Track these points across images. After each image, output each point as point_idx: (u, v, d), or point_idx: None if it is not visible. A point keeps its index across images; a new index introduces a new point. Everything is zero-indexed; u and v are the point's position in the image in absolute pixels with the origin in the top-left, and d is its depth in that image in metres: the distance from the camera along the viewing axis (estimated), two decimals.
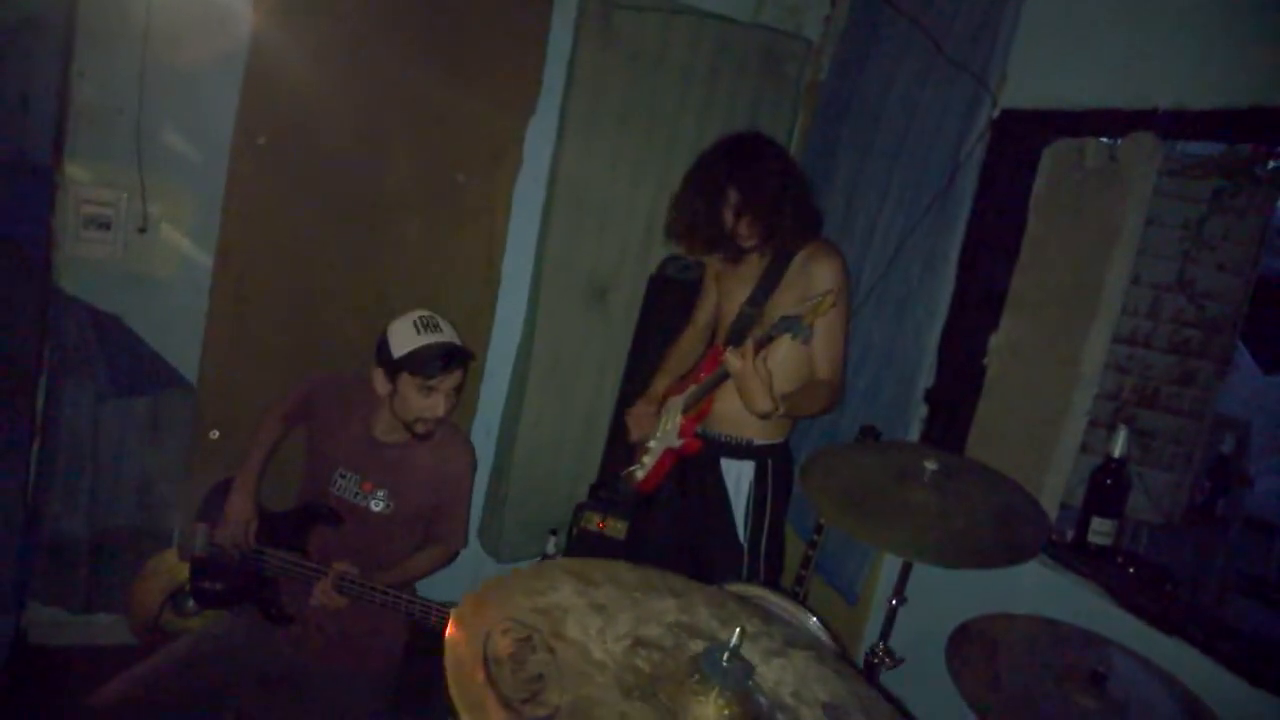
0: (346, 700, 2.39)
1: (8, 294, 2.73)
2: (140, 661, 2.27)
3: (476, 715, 0.90)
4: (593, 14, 3.16)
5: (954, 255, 2.72)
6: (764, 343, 2.28)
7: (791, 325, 2.22)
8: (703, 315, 2.89)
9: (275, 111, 2.92)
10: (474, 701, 0.92)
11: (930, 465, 2.03)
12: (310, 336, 3.08)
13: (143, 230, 2.91)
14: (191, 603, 2.71)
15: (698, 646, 1.11)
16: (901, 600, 2.21)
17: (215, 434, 3.01)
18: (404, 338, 2.41)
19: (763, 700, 1.08)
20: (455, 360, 2.42)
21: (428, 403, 2.41)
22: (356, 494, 2.49)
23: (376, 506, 2.48)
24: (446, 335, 2.43)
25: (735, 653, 1.05)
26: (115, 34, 2.77)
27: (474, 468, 2.66)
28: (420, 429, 2.45)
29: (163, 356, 3.00)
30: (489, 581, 1.14)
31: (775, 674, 1.15)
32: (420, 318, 2.44)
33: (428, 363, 2.38)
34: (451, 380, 2.43)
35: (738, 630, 1.06)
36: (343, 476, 2.51)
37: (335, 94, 2.96)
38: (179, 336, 3.01)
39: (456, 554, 2.64)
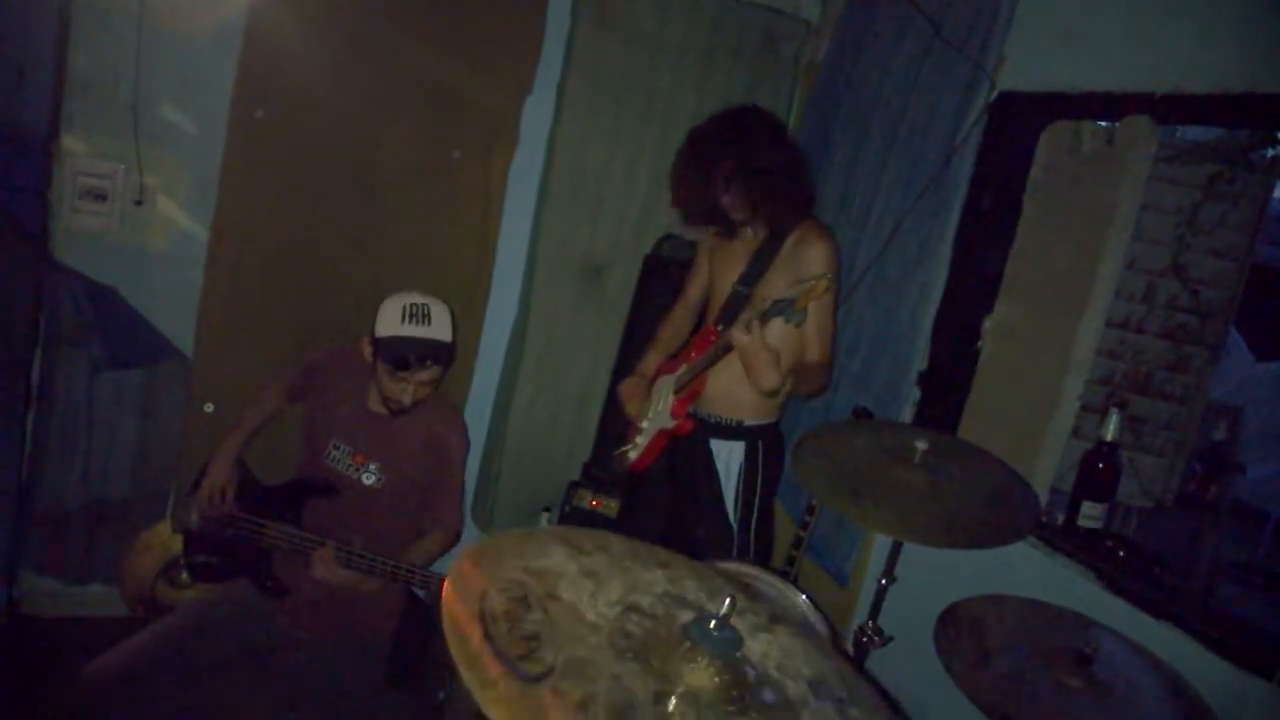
0: (341, 673, 2.40)
1: (3, 266, 2.72)
2: (134, 633, 2.28)
3: (474, 670, 0.91)
4: None
5: (949, 238, 2.72)
6: (764, 321, 2.28)
7: (784, 309, 2.22)
8: (694, 292, 2.89)
9: (273, 85, 2.91)
10: (471, 656, 0.93)
11: (921, 445, 2.03)
12: (305, 311, 3.08)
13: (139, 203, 2.90)
14: (185, 575, 2.72)
15: (687, 616, 1.12)
16: (891, 580, 2.23)
17: (210, 407, 3.01)
18: (390, 320, 2.40)
19: (750, 670, 1.09)
20: (429, 360, 2.41)
21: (396, 388, 2.42)
22: (349, 466, 2.50)
23: (368, 480, 2.49)
24: (432, 329, 2.40)
25: (724, 622, 1.06)
26: (111, 5, 2.75)
27: (466, 443, 2.66)
28: (393, 406, 2.47)
29: (158, 329, 3.00)
30: (480, 543, 1.15)
31: (761, 647, 1.16)
32: (411, 305, 2.41)
33: (400, 356, 2.38)
34: (424, 375, 2.42)
35: (728, 600, 1.07)
36: (336, 448, 2.52)
37: (333, 69, 2.95)
38: (174, 309, 3.01)
39: (459, 535, 2.64)
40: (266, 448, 2.70)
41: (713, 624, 1.06)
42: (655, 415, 2.72)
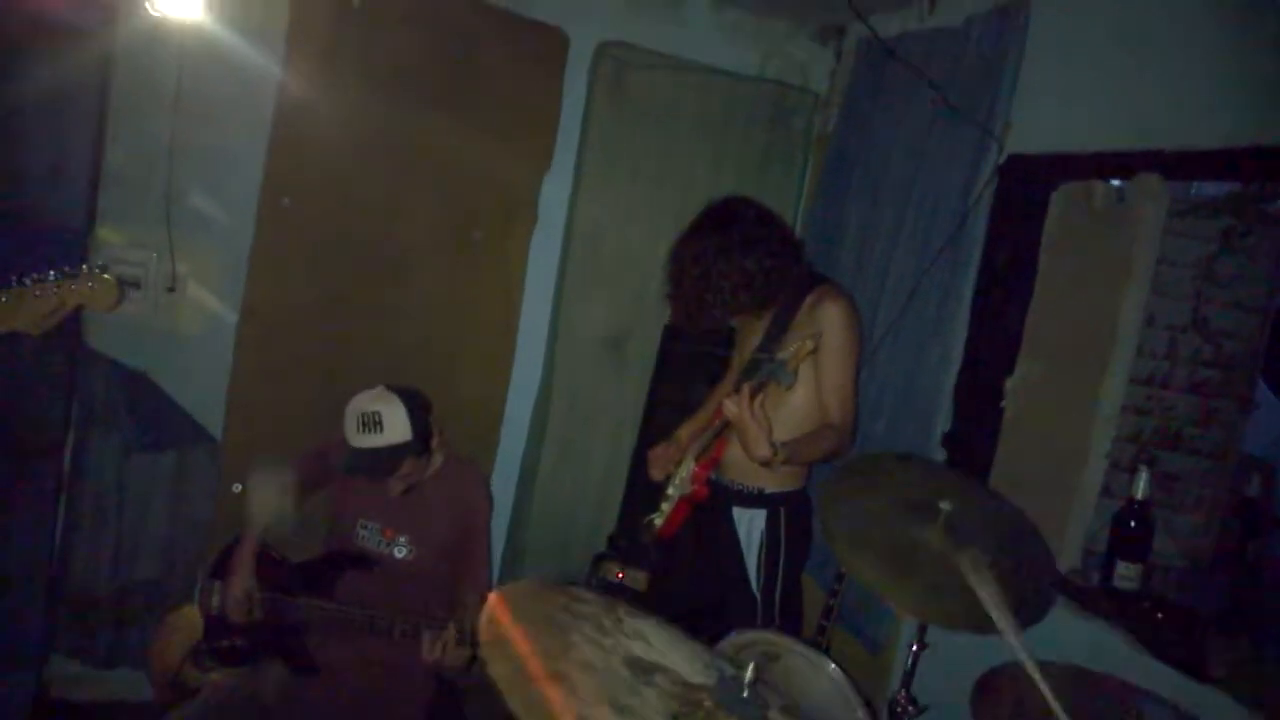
0: None
1: (37, 354, 2.79)
2: (161, 718, 2.27)
3: None
4: (606, 73, 3.26)
5: (967, 299, 2.73)
6: (757, 389, 2.28)
7: (775, 371, 2.22)
8: (736, 362, 2.90)
9: (300, 173, 3.01)
10: None
11: (945, 506, 2.01)
12: (333, 392, 3.08)
13: (171, 289, 2.98)
14: (208, 659, 2.71)
15: (666, 683, 1.10)
16: (923, 646, 2.18)
17: (238, 488, 3.02)
18: (349, 431, 2.40)
19: None
20: (388, 467, 2.39)
21: (382, 485, 2.44)
22: (379, 542, 2.51)
23: (400, 553, 2.50)
24: (385, 435, 2.36)
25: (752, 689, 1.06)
26: (146, 103, 2.88)
27: (490, 502, 2.66)
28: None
29: (188, 412, 3.05)
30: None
31: None
32: (363, 416, 2.38)
33: (355, 470, 2.39)
34: (395, 477, 2.42)
35: (750, 667, 1.07)
36: (364, 527, 2.53)
37: (357, 156, 3.06)
38: (205, 392, 3.07)
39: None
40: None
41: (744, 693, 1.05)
42: (680, 482, 2.71)
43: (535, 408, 3.48)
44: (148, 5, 2.71)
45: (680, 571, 2.84)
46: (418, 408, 2.44)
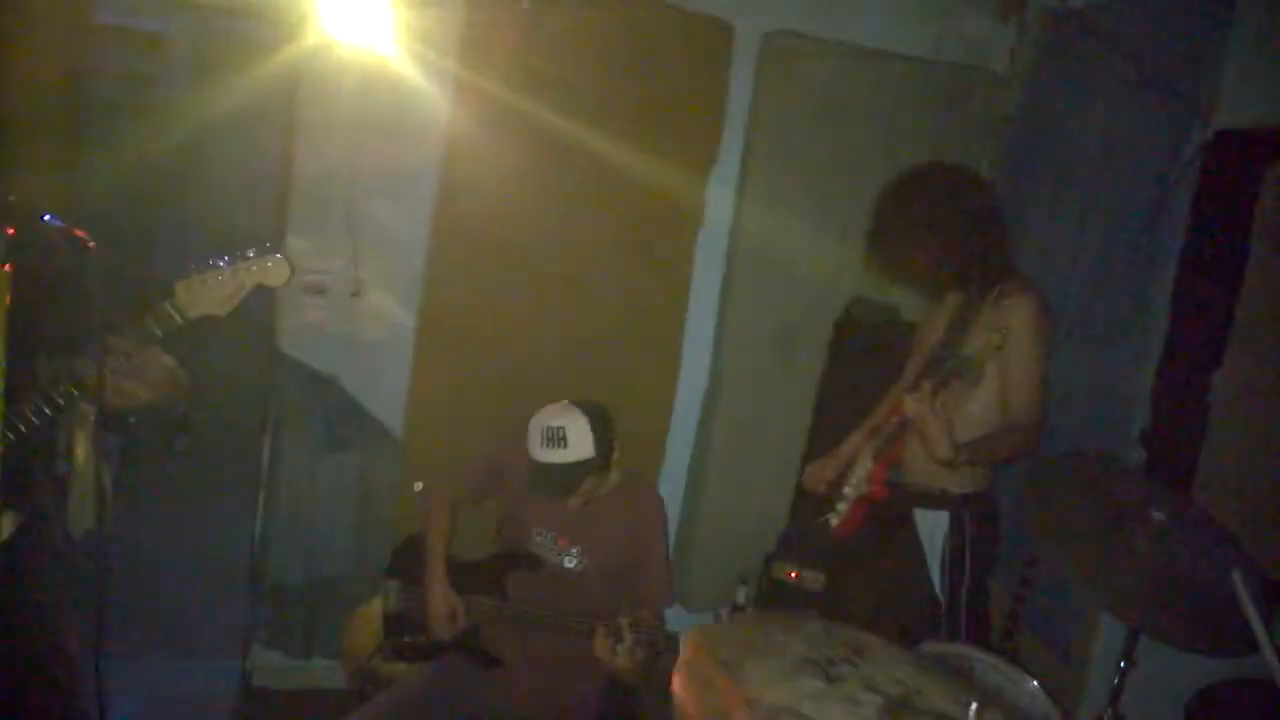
0: None
1: (239, 360, 2.98)
2: (356, 707, 2.37)
3: None
4: (772, 64, 3.20)
5: (1167, 288, 2.55)
6: (939, 386, 2.20)
7: (961, 366, 2.15)
8: (915, 360, 2.81)
9: (474, 178, 3.06)
10: None
11: (1158, 516, 1.88)
12: (507, 393, 3.17)
13: (355, 294, 3.10)
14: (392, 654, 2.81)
15: None
16: (1133, 663, 2.04)
17: (419, 485, 3.14)
18: (532, 443, 2.42)
19: None
20: (571, 484, 2.41)
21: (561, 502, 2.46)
22: (553, 550, 2.54)
23: (570, 563, 2.52)
24: (569, 451, 2.38)
25: None
26: (330, 119, 2.98)
27: (665, 523, 2.66)
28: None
29: (372, 413, 3.18)
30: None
31: None
32: (547, 430, 2.40)
33: (538, 485, 2.41)
34: (574, 494, 2.44)
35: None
36: (539, 534, 2.56)
37: (527, 158, 3.08)
38: (387, 395, 3.18)
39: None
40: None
41: None
42: (857, 481, 2.64)
43: (704, 405, 3.47)
44: (325, 26, 2.80)
45: (858, 576, 2.76)
46: (601, 424, 2.44)
